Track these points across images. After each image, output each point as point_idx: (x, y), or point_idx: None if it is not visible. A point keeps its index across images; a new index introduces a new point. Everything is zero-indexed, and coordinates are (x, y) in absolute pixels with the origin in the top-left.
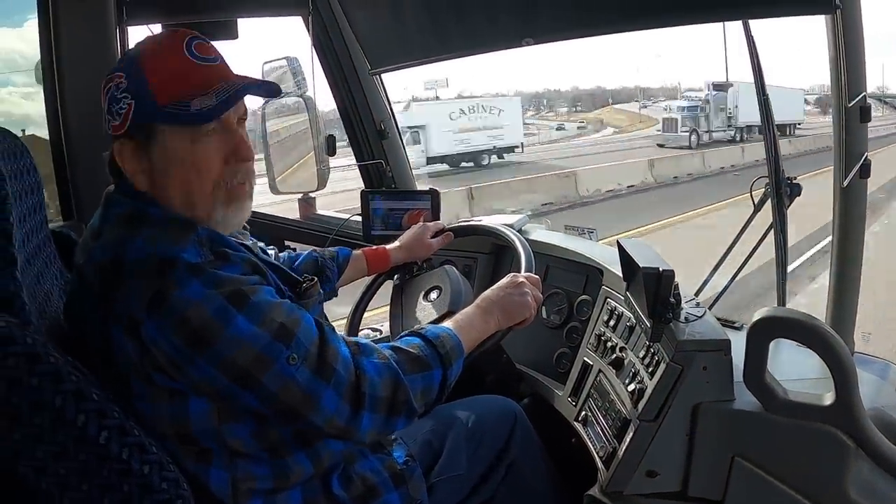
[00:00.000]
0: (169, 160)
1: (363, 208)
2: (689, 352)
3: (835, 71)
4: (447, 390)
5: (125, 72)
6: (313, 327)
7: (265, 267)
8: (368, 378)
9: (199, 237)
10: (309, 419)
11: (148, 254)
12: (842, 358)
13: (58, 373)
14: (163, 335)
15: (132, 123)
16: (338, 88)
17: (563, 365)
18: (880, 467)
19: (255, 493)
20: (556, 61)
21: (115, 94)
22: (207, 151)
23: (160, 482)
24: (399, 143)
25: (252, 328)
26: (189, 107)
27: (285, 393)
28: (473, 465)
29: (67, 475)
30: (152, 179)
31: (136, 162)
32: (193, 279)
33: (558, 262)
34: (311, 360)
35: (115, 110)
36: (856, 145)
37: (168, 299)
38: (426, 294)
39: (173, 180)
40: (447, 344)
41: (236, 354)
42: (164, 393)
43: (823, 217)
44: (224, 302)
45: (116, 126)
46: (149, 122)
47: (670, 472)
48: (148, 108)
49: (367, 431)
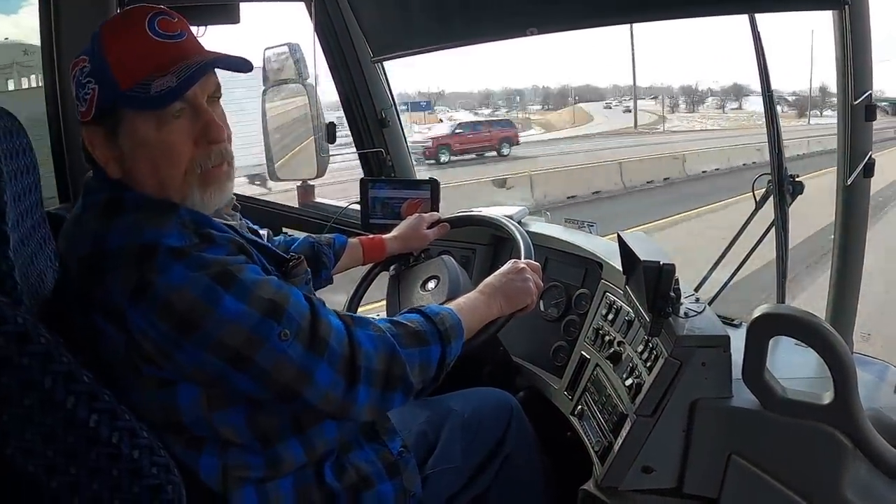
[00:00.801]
0: (137, 146)
1: (362, 196)
2: (688, 347)
3: (841, 68)
4: (446, 368)
5: (89, 54)
6: (303, 302)
7: (250, 247)
8: (363, 350)
9: (182, 219)
10: (304, 396)
11: (128, 242)
12: (841, 357)
13: (48, 353)
14: (149, 323)
15: (97, 109)
16: (339, 76)
17: (560, 358)
18: (877, 468)
19: (246, 481)
20: (536, 58)
21: (80, 78)
22: (174, 135)
23: (150, 467)
24: (400, 132)
25: (241, 307)
26: (150, 89)
27: (279, 371)
28: (468, 457)
29: (55, 458)
30: (124, 167)
31: (105, 149)
32: (176, 263)
33: (557, 255)
34: (302, 336)
35: (81, 96)
36: (860, 144)
37: (151, 286)
38: (423, 284)
39: (144, 167)
40: (447, 321)
41: (226, 335)
42: (152, 383)
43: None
44: (210, 282)
45: (83, 113)
46: (113, 107)
47: (666, 468)
48: (111, 93)
49: (363, 407)
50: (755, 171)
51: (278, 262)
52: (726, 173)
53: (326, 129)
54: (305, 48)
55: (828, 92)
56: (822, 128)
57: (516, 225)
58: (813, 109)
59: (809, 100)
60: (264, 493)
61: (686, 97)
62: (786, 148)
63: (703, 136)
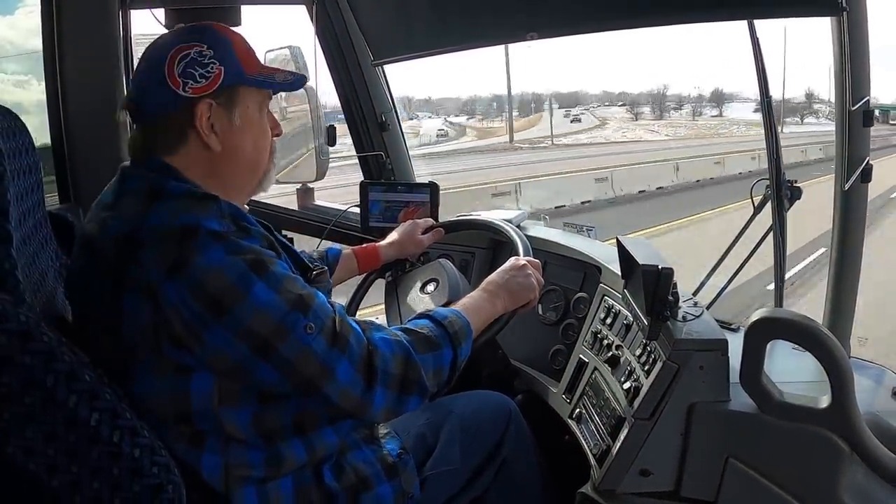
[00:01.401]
0: (247, 122)
1: (362, 199)
2: (686, 351)
3: (839, 74)
4: (458, 371)
5: (207, 43)
6: (327, 303)
7: (279, 247)
8: (380, 353)
9: (221, 209)
10: (324, 391)
11: (170, 223)
12: (839, 361)
13: (51, 352)
14: (182, 300)
15: (220, 86)
16: (340, 79)
17: (558, 362)
18: (875, 473)
19: (247, 480)
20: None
21: (197, 59)
22: (266, 120)
23: (151, 466)
24: (400, 135)
25: (272, 295)
26: (275, 78)
27: (302, 363)
28: (467, 459)
29: (56, 457)
30: (225, 140)
31: (216, 121)
32: (215, 245)
33: (556, 259)
34: (326, 332)
35: (200, 74)
36: (858, 149)
37: (189, 264)
38: (423, 287)
39: (247, 140)
40: (456, 324)
41: (255, 321)
42: (169, 367)
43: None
44: (245, 267)
45: (200, 88)
46: (236, 86)
47: (664, 471)
48: (237, 74)
49: (380, 408)
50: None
51: (303, 268)
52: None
53: (326, 132)
54: (306, 51)
55: (815, 97)
56: (797, 136)
57: (514, 227)
58: (792, 116)
59: (783, 105)
60: (265, 492)
61: (654, 104)
62: (753, 161)
63: (631, 147)
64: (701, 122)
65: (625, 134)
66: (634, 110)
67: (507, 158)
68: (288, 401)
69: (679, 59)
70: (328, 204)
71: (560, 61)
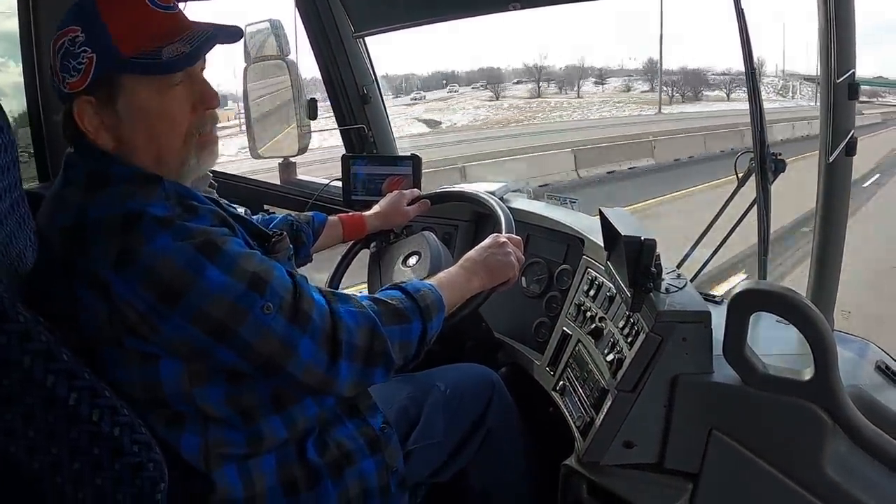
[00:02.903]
0: (136, 113)
1: (343, 173)
2: (669, 322)
3: (824, 46)
4: (426, 345)
5: (80, 24)
6: (286, 277)
7: (233, 220)
8: (344, 325)
9: (166, 191)
10: (287, 370)
11: (112, 211)
12: (822, 333)
13: (27, 332)
14: (133, 292)
15: (94, 78)
16: (321, 52)
17: (542, 334)
18: (857, 445)
19: (227, 458)
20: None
21: (70, 48)
22: (176, 101)
23: (131, 445)
24: (382, 108)
25: (224, 278)
26: (160, 55)
27: (262, 343)
28: (450, 432)
29: (36, 438)
30: (118, 136)
31: (98, 119)
32: (162, 232)
33: (539, 231)
34: (285, 309)
35: (73, 66)
36: (843, 122)
37: (136, 255)
38: (405, 259)
39: (142, 134)
40: (427, 298)
41: (210, 306)
42: (134, 357)
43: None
44: (195, 252)
45: (74, 83)
46: (113, 74)
47: (647, 443)
48: (111, 60)
49: (345, 382)
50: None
51: (261, 237)
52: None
53: (308, 106)
54: (287, 24)
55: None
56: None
57: (497, 200)
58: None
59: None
60: (246, 470)
61: (564, 78)
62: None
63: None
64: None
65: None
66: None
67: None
68: (258, 378)
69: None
70: (310, 178)
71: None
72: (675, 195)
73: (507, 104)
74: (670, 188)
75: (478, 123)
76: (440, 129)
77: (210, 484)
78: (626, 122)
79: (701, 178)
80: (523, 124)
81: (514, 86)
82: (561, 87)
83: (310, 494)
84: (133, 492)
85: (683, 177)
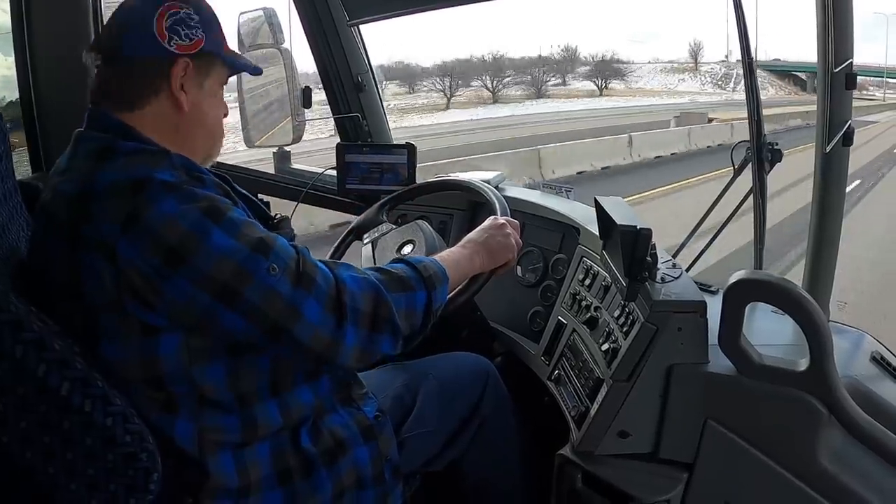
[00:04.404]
0: (213, 91)
1: (338, 161)
2: (664, 312)
3: (822, 36)
4: (432, 317)
5: (193, 7)
6: (289, 245)
7: (237, 196)
8: (349, 290)
9: (173, 162)
10: (293, 333)
11: (120, 177)
12: (817, 323)
13: (19, 322)
14: (139, 255)
15: (200, 51)
16: (315, 40)
17: (537, 324)
18: (852, 436)
19: (222, 445)
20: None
21: (185, 20)
22: (221, 99)
23: (124, 434)
24: (376, 96)
25: (230, 241)
26: (240, 61)
27: (268, 305)
28: (444, 421)
29: (28, 428)
30: (194, 102)
31: (187, 82)
32: (168, 195)
33: (534, 220)
34: (290, 272)
35: (185, 34)
36: (840, 112)
37: (143, 217)
38: (399, 249)
39: (212, 108)
40: (430, 269)
41: (215, 268)
42: (135, 328)
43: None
44: (200, 215)
45: (183, 46)
46: (214, 55)
47: (642, 433)
48: (216, 45)
49: (351, 347)
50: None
51: (263, 217)
52: None
53: (302, 94)
54: (281, 12)
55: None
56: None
57: (492, 188)
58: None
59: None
60: (241, 457)
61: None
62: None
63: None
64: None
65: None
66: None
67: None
68: (260, 355)
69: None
70: (305, 167)
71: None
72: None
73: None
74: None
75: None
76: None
77: (204, 472)
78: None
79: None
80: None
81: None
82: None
83: (304, 483)
84: (126, 482)
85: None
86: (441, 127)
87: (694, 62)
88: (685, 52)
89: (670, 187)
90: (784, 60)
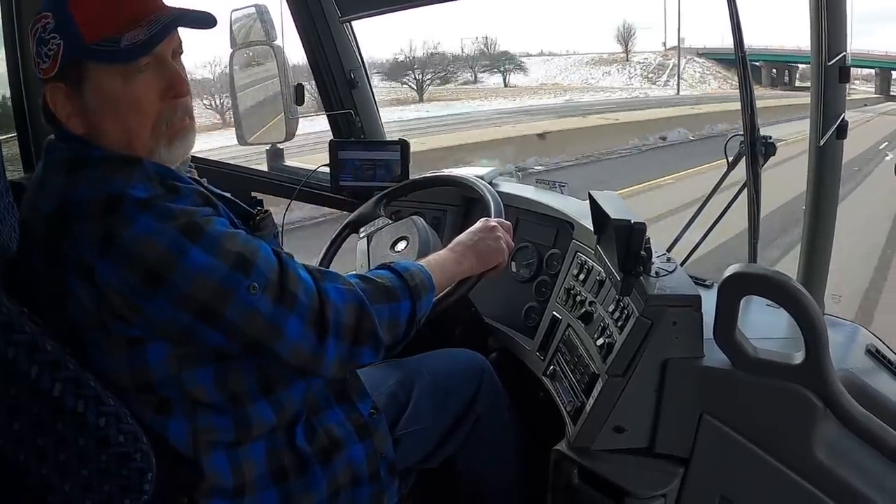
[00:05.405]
0: (103, 101)
1: (331, 158)
2: (659, 306)
3: (815, 28)
4: (416, 326)
5: (51, 10)
6: (271, 256)
7: (216, 199)
8: (332, 303)
9: (147, 172)
10: (274, 350)
11: (93, 195)
12: (812, 316)
13: (10, 323)
14: (117, 276)
15: (61, 65)
16: (307, 36)
17: (531, 319)
18: (847, 429)
19: (216, 445)
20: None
21: (42, 35)
22: (141, 89)
23: (117, 435)
24: (369, 92)
25: (209, 259)
26: (119, 42)
27: (249, 324)
28: (440, 418)
29: (21, 429)
30: (88, 122)
31: (68, 105)
32: (143, 214)
33: (528, 216)
34: (271, 289)
35: (44, 53)
36: (834, 105)
37: (119, 238)
38: (393, 245)
39: (110, 121)
40: (416, 277)
41: (194, 288)
42: (121, 342)
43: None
44: (177, 234)
45: (46, 69)
46: (78, 62)
47: (638, 428)
48: (76, 48)
49: (332, 361)
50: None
51: (245, 216)
52: None
53: (295, 91)
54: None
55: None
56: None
57: (486, 185)
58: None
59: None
60: (235, 457)
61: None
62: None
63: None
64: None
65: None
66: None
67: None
68: (247, 360)
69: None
70: (298, 164)
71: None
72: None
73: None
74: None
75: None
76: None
77: (199, 472)
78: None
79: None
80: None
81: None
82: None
83: (299, 482)
84: (120, 482)
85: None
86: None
87: (624, 51)
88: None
89: None
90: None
